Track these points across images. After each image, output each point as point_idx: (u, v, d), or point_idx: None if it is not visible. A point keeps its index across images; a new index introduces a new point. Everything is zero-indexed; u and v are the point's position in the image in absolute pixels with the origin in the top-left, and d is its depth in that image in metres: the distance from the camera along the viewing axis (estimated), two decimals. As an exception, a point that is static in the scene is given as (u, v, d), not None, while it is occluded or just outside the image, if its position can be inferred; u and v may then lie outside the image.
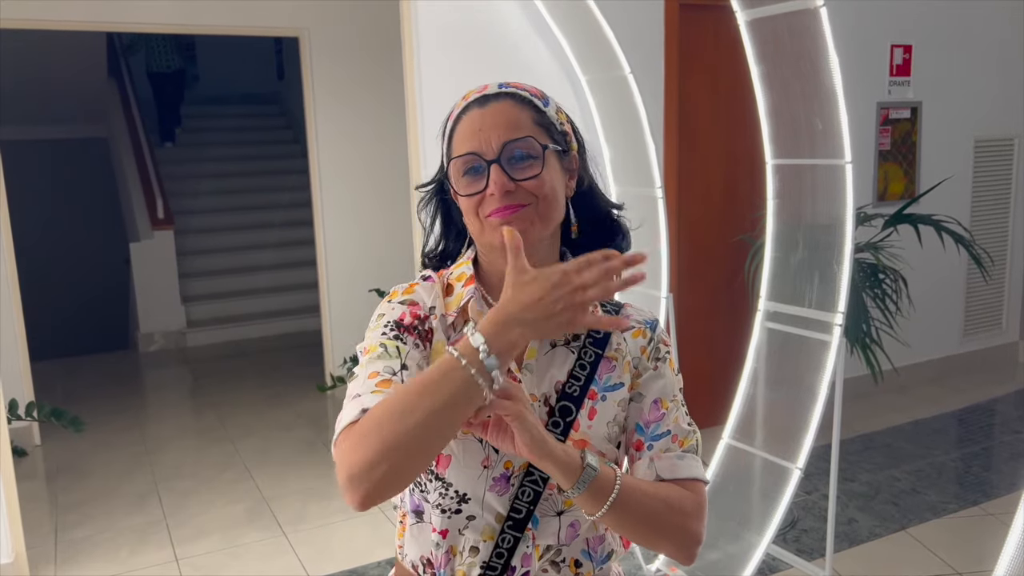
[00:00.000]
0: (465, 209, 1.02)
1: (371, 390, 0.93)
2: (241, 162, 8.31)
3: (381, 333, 1.01)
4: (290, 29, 5.04)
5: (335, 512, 3.51)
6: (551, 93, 1.06)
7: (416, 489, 1.04)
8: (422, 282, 1.08)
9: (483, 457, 1.00)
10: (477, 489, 1.00)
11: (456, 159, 1.00)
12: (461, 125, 1.02)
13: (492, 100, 1.02)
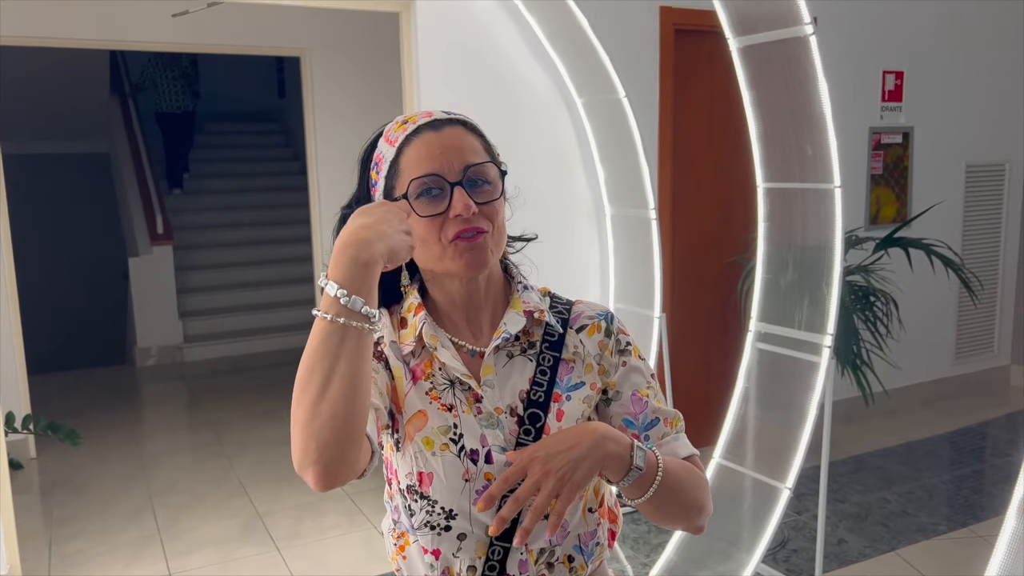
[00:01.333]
0: (422, 233, 1.00)
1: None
2: (241, 179, 8.36)
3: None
4: (292, 49, 5.11)
5: (329, 528, 3.52)
6: (548, 114, 1.10)
7: (406, 511, 1.07)
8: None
9: (463, 471, 1.02)
10: (462, 503, 1.02)
11: (416, 181, 0.99)
12: (413, 148, 1.02)
13: (445, 125, 1.04)
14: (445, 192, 0.99)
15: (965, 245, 4.90)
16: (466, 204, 0.98)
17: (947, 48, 4.67)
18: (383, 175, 1.05)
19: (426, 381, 1.05)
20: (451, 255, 1.01)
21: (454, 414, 1.03)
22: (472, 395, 1.05)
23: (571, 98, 3.66)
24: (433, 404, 1.04)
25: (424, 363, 1.06)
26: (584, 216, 3.79)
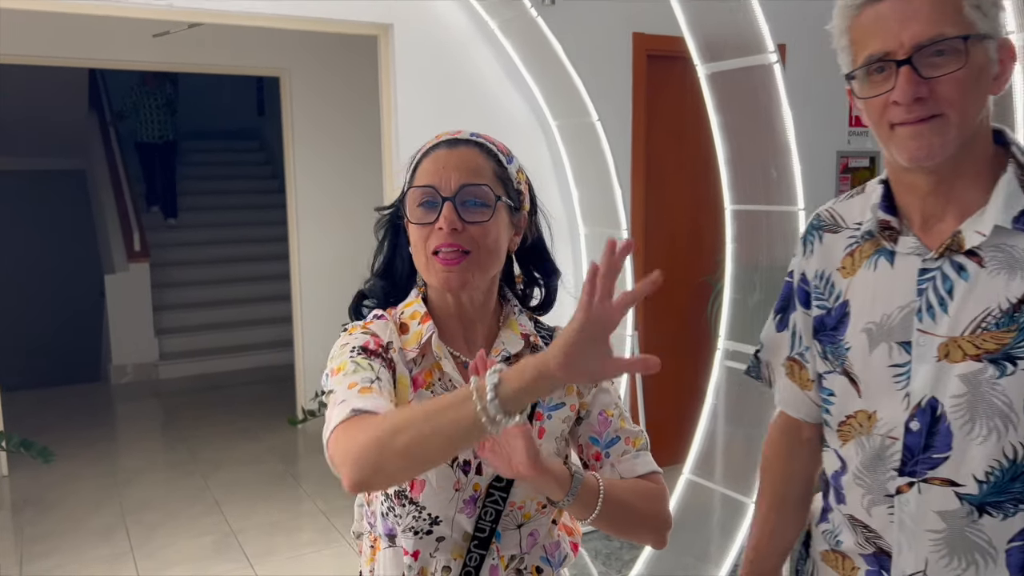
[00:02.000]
0: (414, 239, 1.09)
1: (356, 395, 0.98)
2: (219, 196, 8.37)
3: (349, 356, 1.05)
4: (271, 69, 5.16)
5: (303, 544, 3.53)
6: (524, 136, 1.15)
7: (390, 514, 1.10)
8: (376, 320, 1.13)
9: (455, 481, 1.07)
10: (448, 511, 1.07)
11: (415, 188, 1.08)
12: (427, 160, 1.09)
13: (461, 144, 1.11)
14: (437, 205, 1.05)
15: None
16: (448, 219, 1.04)
17: (912, 75, 4.81)
18: (406, 180, 1.12)
19: (427, 390, 1.10)
20: (432, 268, 1.07)
21: None
22: None
23: (546, 121, 3.73)
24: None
25: (425, 372, 1.11)
26: (559, 235, 3.84)
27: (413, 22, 3.44)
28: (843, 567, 1.12)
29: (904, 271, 1.03)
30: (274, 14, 3.20)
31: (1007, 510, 0.97)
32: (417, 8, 3.45)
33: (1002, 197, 0.98)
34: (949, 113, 0.94)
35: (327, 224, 5.27)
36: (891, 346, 1.03)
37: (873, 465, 1.05)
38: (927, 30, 0.93)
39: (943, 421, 0.99)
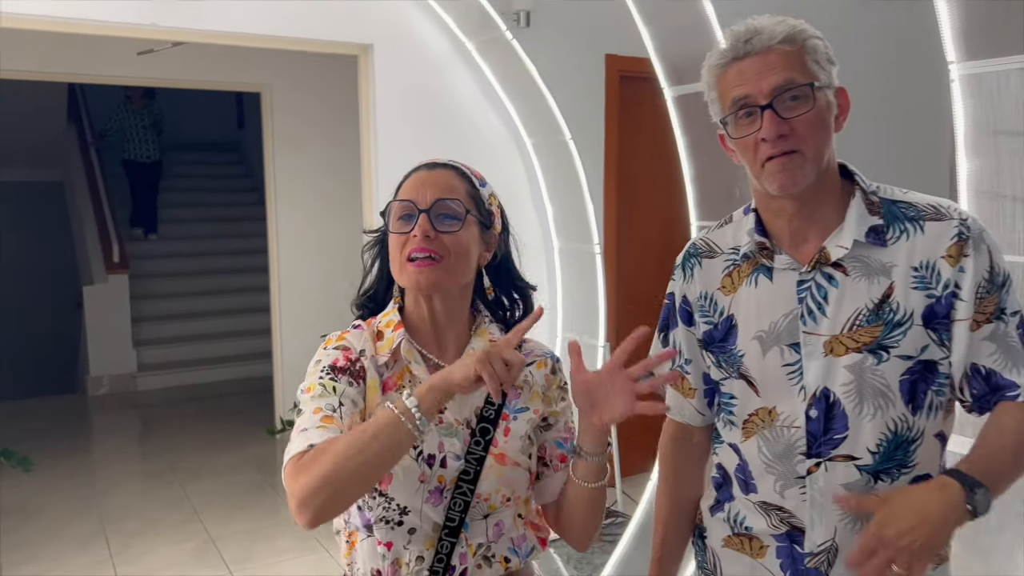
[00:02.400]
0: (392, 248, 1.21)
1: (316, 425, 1.11)
2: (198, 208, 8.41)
3: (319, 376, 1.18)
4: (253, 85, 5.24)
5: (282, 551, 3.60)
6: (500, 153, 1.24)
7: (365, 507, 1.20)
8: (352, 330, 1.26)
9: (420, 473, 1.17)
10: (415, 501, 1.17)
11: (396, 202, 1.22)
12: (409, 180, 1.24)
13: (439, 167, 1.26)
14: (414, 217, 1.18)
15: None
16: (422, 227, 1.18)
17: (870, 97, 4.99)
18: (392, 200, 1.26)
19: (396, 392, 1.21)
20: (405, 271, 1.19)
21: None
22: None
23: (521, 138, 3.86)
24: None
25: (396, 375, 1.22)
26: (533, 249, 3.97)
27: (393, 43, 3.56)
28: (751, 548, 1.26)
29: (783, 284, 1.21)
30: (258, 34, 3.30)
31: (894, 474, 1.17)
32: (397, 29, 3.56)
33: (855, 217, 1.18)
34: (804, 149, 1.13)
35: (306, 237, 5.35)
36: (782, 349, 1.20)
37: (783, 454, 1.20)
38: (782, 77, 1.13)
39: (838, 407, 1.17)
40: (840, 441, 1.16)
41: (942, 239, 1.15)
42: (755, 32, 1.15)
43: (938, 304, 1.14)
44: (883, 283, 1.15)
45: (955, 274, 1.14)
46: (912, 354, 1.15)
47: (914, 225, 1.17)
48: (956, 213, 1.17)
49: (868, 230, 1.17)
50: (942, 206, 1.18)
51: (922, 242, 1.16)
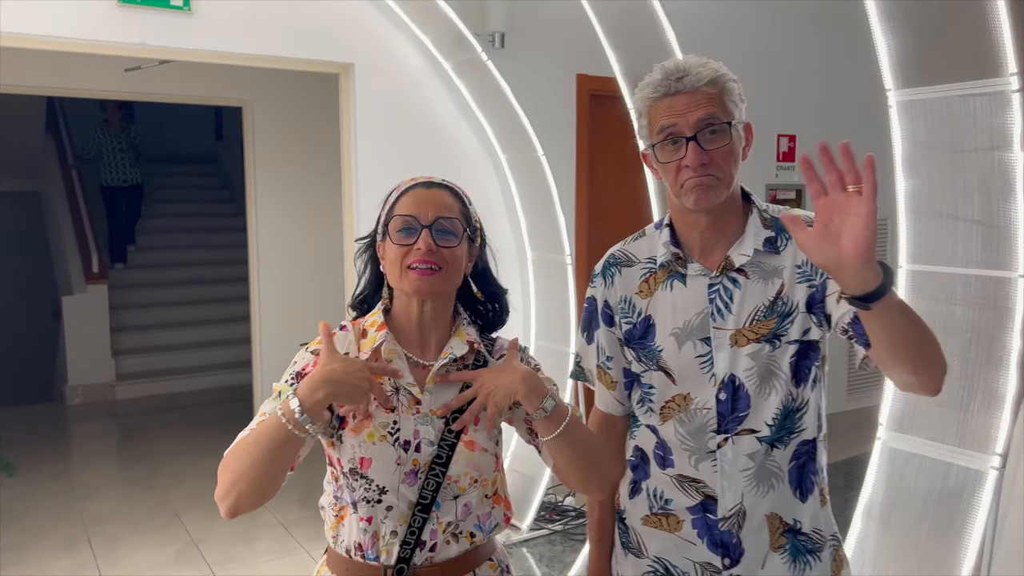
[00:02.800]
0: (391, 257, 1.35)
1: (252, 428, 1.28)
2: (177, 219, 8.48)
3: (286, 380, 1.33)
4: (234, 99, 5.36)
5: (263, 552, 3.71)
6: (475, 168, 1.34)
7: (348, 488, 1.33)
8: (338, 331, 1.39)
9: (396, 457, 1.32)
10: (392, 482, 1.32)
11: (398, 217, 1.36)
12: (407, 196, 1.37)
13: (436, 186, 1.41)
14: (416, 231, 1.34)
15: (853, 291, 5.41)
16: (426, 242, 1.33)
17: (835, 113, 5.22)
18: (385, 212, 1.40)
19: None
20: (406, 278, 1.34)
21: (395, 415, 1.34)
22: (413, 399, 1.35)
23: (496, 154, 4.02)
24: (379, 408, 1.33)
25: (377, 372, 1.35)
26: (507, 260, 4.13)
27: (373, 62, 3.71)
28: (668, 524, 1.43)
29: (695, 287, 1.41)
30: (244, 53, 3.44)
31: (785, 440, 1.39)
32: (376, 49, 3.72)
33: (753, 231, 1.41)
34: (720, 175, 1.35)
35: (286, 249, 5.46)
36: (695, 343, 1.40)
37: (696, 432, 1.40)
38: (705, 113, 1.34)
39: (742, 389, 1.38)
40: (744, 418, 1.37)
41: None
42: (684, 72, 1.35)
43: (816, 292, 1.37)
44: (776, 283, 1.38)
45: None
46: (798, 338, 1.37)
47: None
48: None
49: (764, 240, 1.40)
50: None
51: None
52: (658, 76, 1.38)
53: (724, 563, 1.39)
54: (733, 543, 1.39)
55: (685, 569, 1.43)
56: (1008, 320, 2.19)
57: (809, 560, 1.41)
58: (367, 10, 3.68)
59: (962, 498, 2.27)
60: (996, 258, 2.21)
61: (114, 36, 3.19)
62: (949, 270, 2.31)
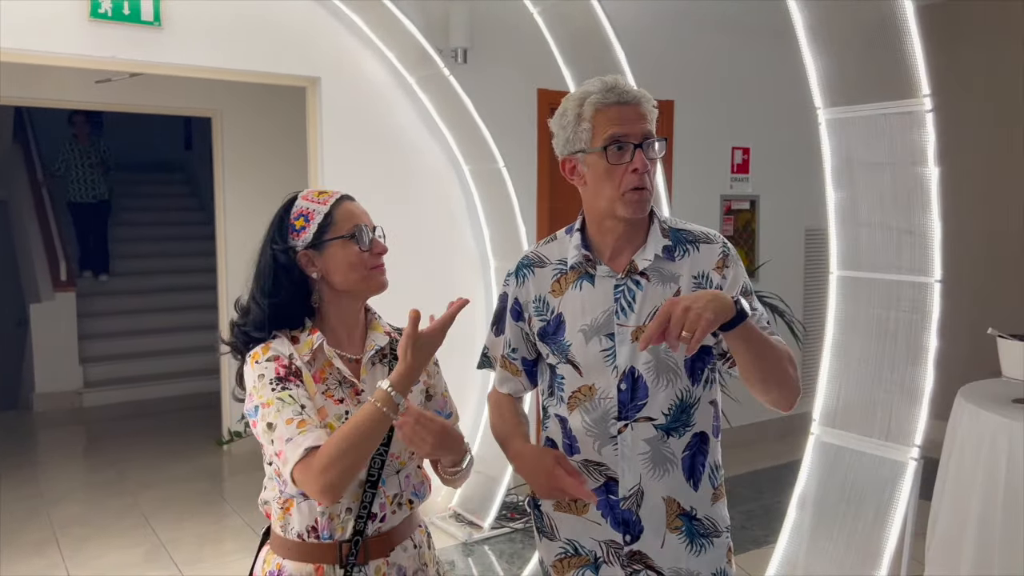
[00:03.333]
0: (354, 261, 1.48)
1: (298, 432, 1.37)
2: (146, 227, 8.51)
3: (271, 391, 1.41)
4: (203, 110, 5.45)
5: (230, 552, 3.80)
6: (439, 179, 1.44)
7: None
8: (272, 341, 1.48)
9: None
10: None
11: (358, 225, 1.50)
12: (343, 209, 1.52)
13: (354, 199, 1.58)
14: (370, 236, 1.51)
15: (806, 299, 5.62)
16: (382, 246, 1.53)
17: (788, 127, 5.43)
18: (315, 223, 1.50)
19: (322, 384, 1.48)
20: (372, 277, 1.51)
21: (344, 405, 1.48)
22: (353, 389, 1.50)
23: (459, 165, 4.16)
24: (329, 400, 1.47)
25: (319, 369, 1.49)
26: (471, 268, 4.27)
27: (339, 76, 3.84)
28: (576, 508, 1.57)
29: (603, 288, 1.54)
30: (213, 67, 3.55)
31: (680, 431, 1.53)
32: (343, 64, 3.85)
33: (653, 239, 1.55)
34: (650, 187, 1.51)
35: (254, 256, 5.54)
36: (600, 338, 1.52)
37: (600, 420, 1.53)
38: (650, 127, 1.49)
39: (641, 381, 1.51)
40: (642, 407, 1.51)
41: (712, 256, 1.55)
42: (626, 87, 1.49)
43: None
44: (673, 287, 1.52)
45: (721, 280, 1.53)
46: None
47: (693, 246, 1.56)
48: (720, 238, 1.58)
49: (663, 248, 1.54)
50: (710, 233, 1.59)
51: (699, 258, 1.55)
52: (599, 86, 1.48)
53: (625, 539, 1.54)
54: (633, 520, 1.53)
55: (591, 548, 1.57)
56: (926, 322, 2.37)
57: (704, 544, 1.56)
58: (333, 26, 3.81)
59: (886, 488, 2.44)
60: (916, 264, 2.39)
61: (86, 50, 3.28)
62: (875, 276, 2.50)
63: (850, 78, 2.44)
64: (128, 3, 3.31)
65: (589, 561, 1.57)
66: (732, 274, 1.54)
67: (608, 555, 1.55)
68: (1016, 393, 3.41)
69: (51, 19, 3.21)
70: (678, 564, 1.54)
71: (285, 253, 1.51)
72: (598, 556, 1.56)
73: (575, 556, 1.58)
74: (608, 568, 1.56)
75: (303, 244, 1.50)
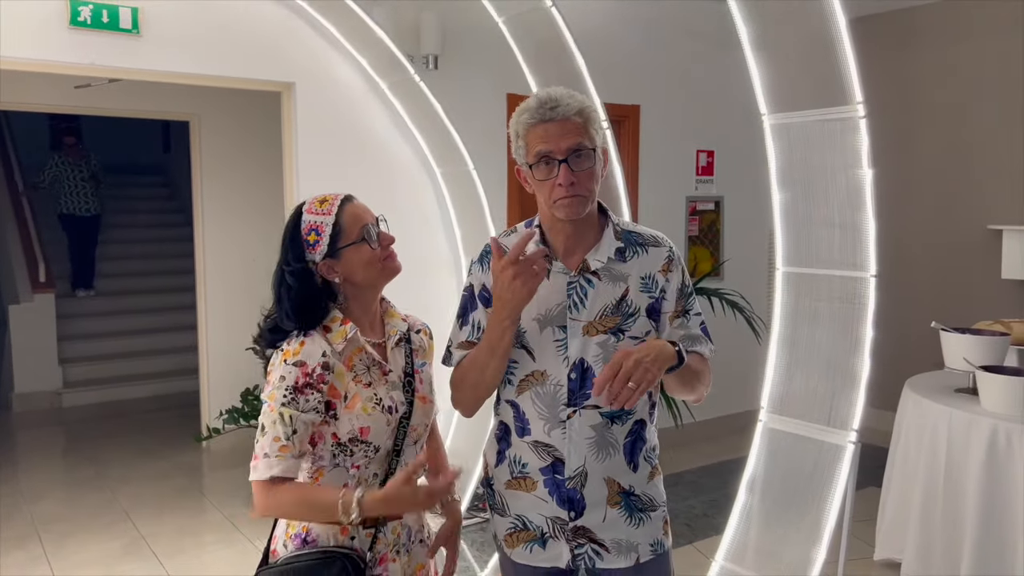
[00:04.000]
0: (369, 259, 1.61)
1: (275, 453, 1.50)
2: (125, 230, 8.56)
3: (281, 400, 1.52)
4: (182, 114, 5.55)
5: (209, 544, 3.91)
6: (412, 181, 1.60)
7: (347, 453, 1.59)
8: (305, 339, 1.57)
9: (386, 420, 1.61)
10: (384, 440, 1.62)
11: (363, 227, 1.62)
12: (347, 212, 1.62)
13: (353, 198, 1.70)
14: (375, 231, 1.64)
15: (770, 295, 5.79)
16: (391, 236, 1.68)
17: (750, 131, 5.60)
18: (327, 234, 1.60)
19: (351, 371, 1.61)
20: (387, 267, 1.65)
21: (372, 388, 1.62)
22: (381, 371, 1.64)
23: (431, 168, 4.30)
24: (359, 385, 1.60)
25: (347, 358, 1.62)
26: (444, 267, 4.40)
27: (313, 81, 3.97)
28: (526, 486, 1.70)
29: (557, 283, 1.66)
30: (190, 72, 3.67)
31: (623, 419, 1.68)
32: (317, 69, 3.97)
33: (606, 241, 1.68)
34: (584, 193, 1.62)
35: (232, 258, 5.65)
36: (553, 328, 1.65)
37: (550, 404, 1.66)
38: (575, 141, 1.59)
39: (590, 371, 1.64)
40: (589, 395, 1.63)
41: (658, 259, 1.69)
42: (556, 102, 1.58)
43: (656, 302, 1.68)
44: (622, 287, 1.66)
45: (664, 283, 1.68)
46: (639, 335, 1.66)
47: (642, 249, 1.70)
48: (667, 242, 1.72)
49: (615, 250, 1.67)
50: (658, 236, 1.73)
51: (647, 260, 1.69)
52: (533, 104, 1.60)
53: (570, 516, 1.67)
54: (577, 499, 1.66)
55: (539, 524, 1.70)
56: (863, 313, 2.53)
57: (643, 517, 1.71)
58: (307, 33, 3.94)
59: (827, 470, 2.60)
60: (853, 260, 2.56)
61: (65, 57, 3.39)
62: (816, 271, 2.66)
63: (791, 86, 2.60)
64: (107, 11, 3.42)
65: (536, 536, 1.70)
66: (675, 277, 1.69)
67: (554, 530, 1.68)
68: (958, 383, 3.60)
69: (31, 26, 3.31)
70: (618, 536, 1.68)
71: (305, 269, 1.61)
72: (544, 531, 1.69)
73: (524, 531, 1.71)
74: (554, 542, 1.69)
75: (321, 256, 1.60)
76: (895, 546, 3.56)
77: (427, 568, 1.77)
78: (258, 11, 3.80)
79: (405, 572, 1.69)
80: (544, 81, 3.41)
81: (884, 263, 2.55)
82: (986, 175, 5.27)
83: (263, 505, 1.52)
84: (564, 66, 3.23)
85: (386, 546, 1.63)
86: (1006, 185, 5.17)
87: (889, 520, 3.62)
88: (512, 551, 1.74)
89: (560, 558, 1.69)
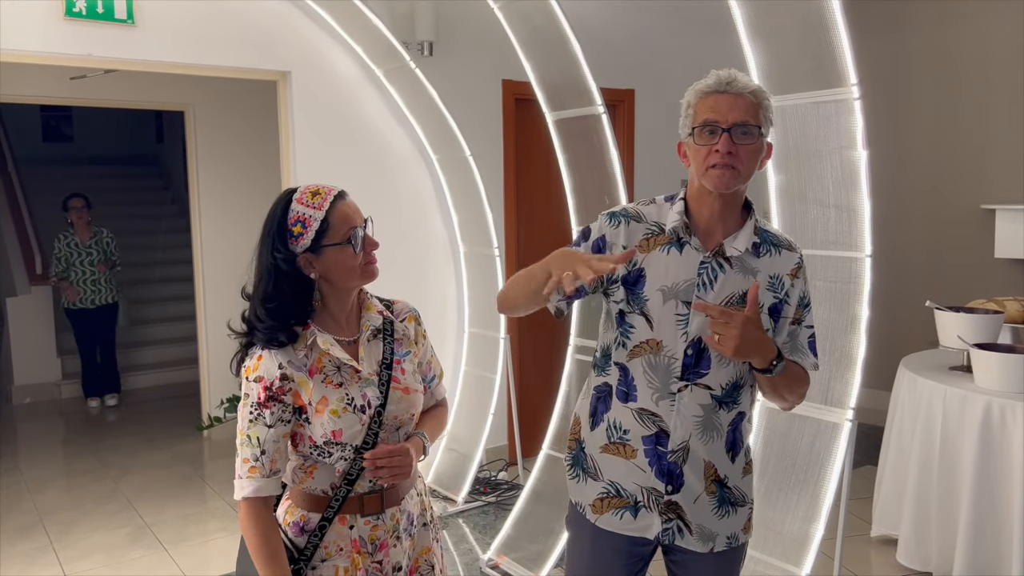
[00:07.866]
0: (352, 259, 1.59)
1: (247, 474, 1.54)
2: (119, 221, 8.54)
3: (248, 418, 1.54)
4: (176, 104, 5.54)
5: (213, 531, 3.94)
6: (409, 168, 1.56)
7: (324, 453, 1.60)
8: (263, 353, 1.57)
9: (358, 420, 1.61)
10: (357, 438, 1.62)
11: (352, 228, 1.59)
12: (338, 210, 1.60)
13: (346, 196, 1.68)
14: (361, 234, 1.61)
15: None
16: (376, 241, 1.65)
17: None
18: (312, 229, 1.58)
19: (320, 374, 1.61)
20: (365, 272, 1.63)
21: (344, 388, 1.61)
22: (353, 370, 1.63)
23: (428, 154, 4.31)
24: (328, 387, 1.60)
25: (315, 361, 1.62)
26: (441, 253, 4.43)
27: (309, 69, 3.97)
28: (625, 452, 1.71)
29: (689, 258, 1.66)
30: (186, 63, 3.67)
31: (729, 406, 1.69)
32: (312, 58, 3.97)
33: (747, 233, 1.69)
34: (739, 168, 1.61)
35: (229, 248, 5.65)
36: (677, 302, 1.65)
37: (663, 375, 1.67)
38: (743, 116, 1.59)
39: (706, 352, 1.66)
40: (704, 375, 1.66)
41: (789, 263, 1.71)
42: (734, 79, 1.61)
43: (779, 304, 1.69)
44: (750, 280, 1.66)
45: (790, 287, 1.70)
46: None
47: (776, 249, 1.71)
48: (799, 249, 1.75)
49: (752, 244, 1.68)
50: (792, 242, 1.75)
51: (779, 261, 1.70)
52: (711, 79, 1.63)
53: (667, 490, 1.68)
54: (676, 473, 1.67)
55: (633, 492, 1.70)
56: (859, 293, 2.56)
57: (729, 510, 1.72)
58: (302, 21, 3.93)
59: (825, 448, 2.64)
60: (849, 240, 2.58)
61: (61, 48, 3.38)
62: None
63: (786, 69, 2.61)
64: (102, 2, 3.41)
65: (629, 503, 1.71)
66: (800, 284, 1.72)
67: (648, 501, 1.70)
68: (952, 361, 3.64)
69: (26, 18, 3.30)
70: (703, 522, 1.70)
71: (286, 260, 1.59)
72: (638, 500, 1.70)
73: (616, 497, 1.72)
74: (647, 512, 1.70)
75: (302, 249, 1.58)
76: (891, 523, 3.61)
77: (432, 550, 1.79)
78: (252, 0, 3.80)
79: (409, 556, 1.72)
80: (540, 66, 3.42)
81: (879, 243, 2.58)
82: (980, 155, 5.30)
83: (240, 521, 1.59)
84: (559, 51, 3.24)
85: (385, 532, 1.66)
86: (1000, 165, 5.20)
87: (885, 497, 3.67)
88: (599, 517, 1.74)
89: (650, 529, 1.71)
